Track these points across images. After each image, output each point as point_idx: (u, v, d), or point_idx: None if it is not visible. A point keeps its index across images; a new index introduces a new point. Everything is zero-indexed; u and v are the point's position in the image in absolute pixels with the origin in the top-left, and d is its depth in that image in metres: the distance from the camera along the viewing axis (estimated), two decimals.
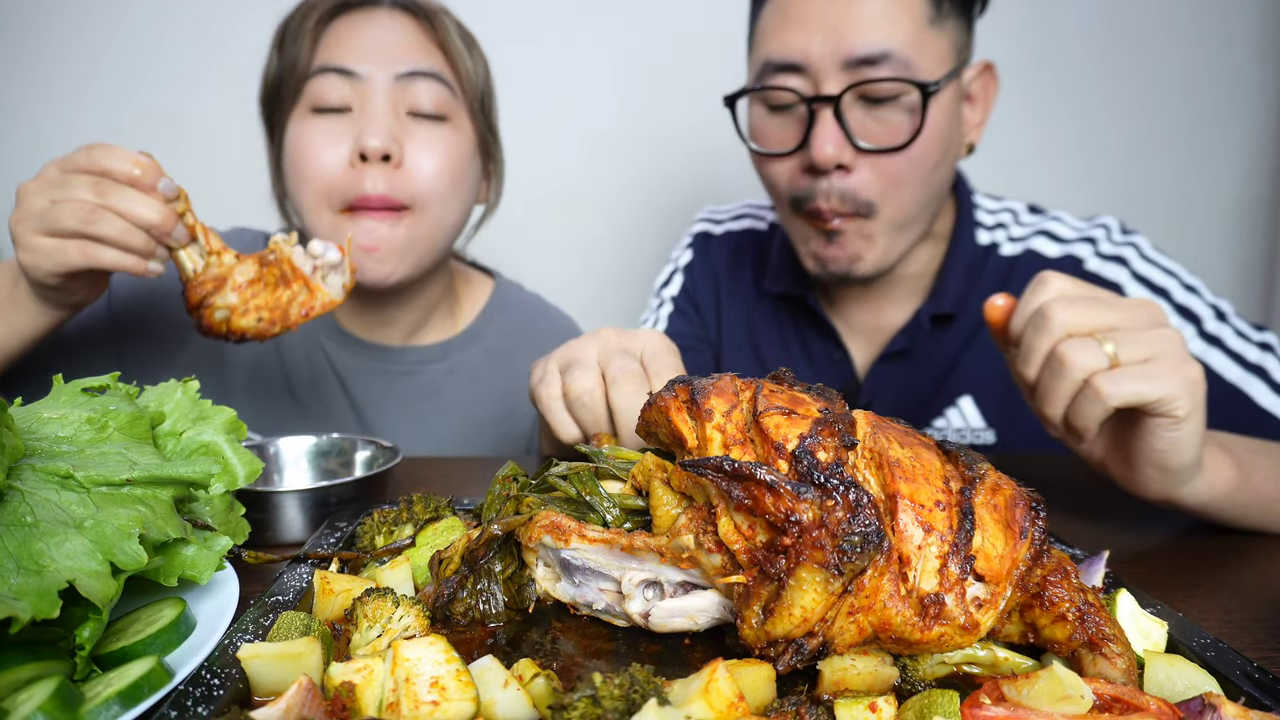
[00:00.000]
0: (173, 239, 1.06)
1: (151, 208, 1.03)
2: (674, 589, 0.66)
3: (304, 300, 1.14)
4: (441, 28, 1.38)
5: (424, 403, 1.56)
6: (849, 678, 0.59)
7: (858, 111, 1.24)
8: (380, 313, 1.52)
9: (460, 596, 0.69)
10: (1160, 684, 0.59)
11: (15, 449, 0.63)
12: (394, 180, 1.31)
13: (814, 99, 1.22)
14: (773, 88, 1.26)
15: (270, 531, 0.94)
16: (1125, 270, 1.36)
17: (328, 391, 1.54)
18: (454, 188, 1.38)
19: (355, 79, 1.31)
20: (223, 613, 0.66)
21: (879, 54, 1.19)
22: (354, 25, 1.35)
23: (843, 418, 0.65)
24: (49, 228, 1.02)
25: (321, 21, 1.35)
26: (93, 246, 1.02)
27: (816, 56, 1.21)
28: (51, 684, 0.52)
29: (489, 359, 1.60)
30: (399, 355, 1.55)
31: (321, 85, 1.32)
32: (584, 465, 0.74)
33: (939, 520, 0.61)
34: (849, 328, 1.52)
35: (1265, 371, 1.24)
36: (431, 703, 0.53)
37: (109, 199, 1.01)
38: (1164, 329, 0.87)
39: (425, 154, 1.34)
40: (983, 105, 1.38)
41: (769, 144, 1.32)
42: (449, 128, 1.37)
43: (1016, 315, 0.94)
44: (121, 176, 1.03)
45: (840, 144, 1.23)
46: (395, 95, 1.33)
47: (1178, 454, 0.90)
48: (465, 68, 1.39)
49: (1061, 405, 0.89)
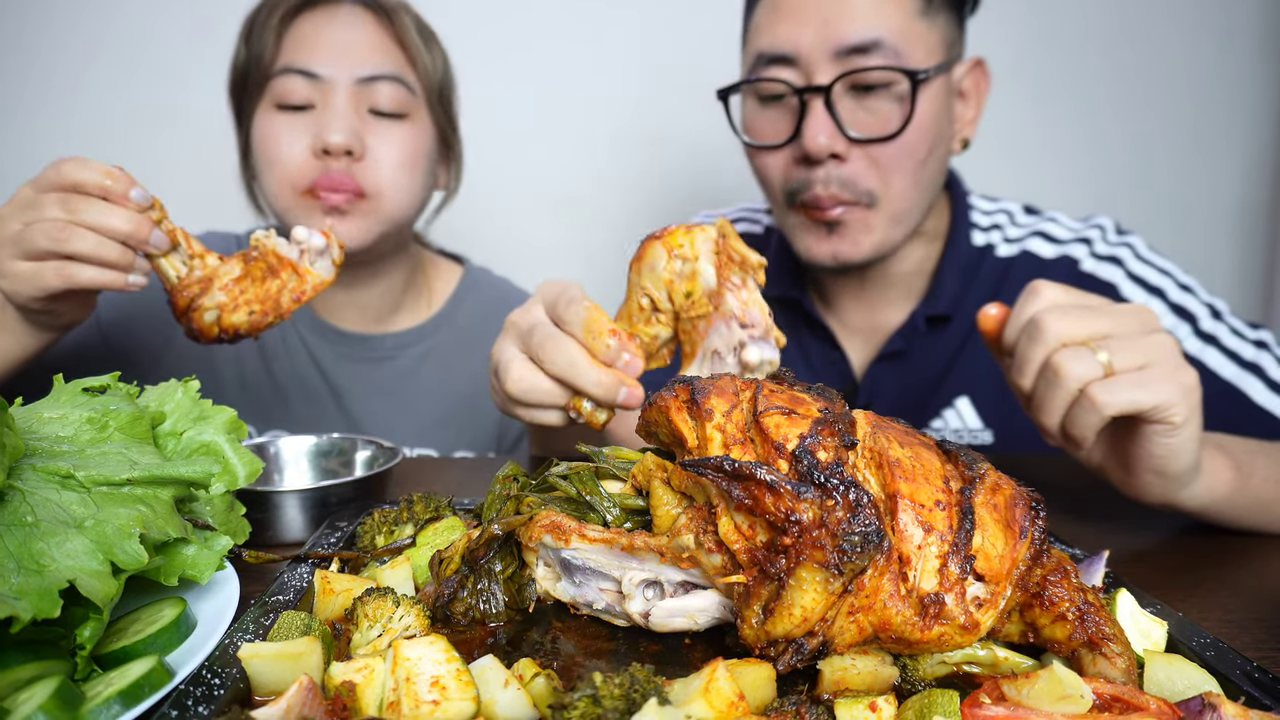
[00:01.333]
0: (152, 246, 1.05)
1: (123, 218, 1.01)
2: (674, 589, 0.66)
3: (294, 286, 1.13)
4: (401, 25, 1.44)
5: (401, 385, 1.61)
6: (849, 677, 0.59)
7: (848, 102, 1.25)
8: (350, 292, 1.58)
9: (460, 596, 0.69)
10: (1160, 683, 0.59)
11: (16, 449, 0.63)
12: (355, 170, 1.40)
13: (805, 89, 1.23)
14: (765, 79, 1.27)
15: (271, 531, 0.94)
16: (1120, 270, 1.37)
17: (309, 381, 1.59)
18: (412, 178, 1.46)
19: (318, 80, 1.39)
20: (223, 612, 0.66)
21: (870, 42, 1.21)
22: (316, 25, 1.41)
23: (843, 417, 0.65)
24: (24, 251, 1.01)
25: (286, 18, 1.41)
26: (69, 266, 1.01)
27: (808, 48, 1.23)
28: (52, 683, 0.52)
29: (461, 341, 1.66)
30: (376, 342, 1.61)
31: (285, 84, 1.39)
32: (584, 465, 0.74)
33: (939, 520, 0.61)
34: (845, 329, 1.52)
35: (1261, 369, 1.24)
36: (432, 702, 0.53)
37: (79, 215, 1.00)
38: (1157, 335, 0.87)
39: (385, 147, 1.42)
40: (975, 101, 1.39)
41: (762, 137, 1.33)
42: (407, 124, 1.44)
43: (1009, 325, 0.94)
44: (93, 189, 1.01)
45: (832, 134, 1.24)
46: (356, 95, 1.40)
47: (1176, 459, 0.90)
48: (424, 64, 1.46)
49: (1058, 415, 0.89)
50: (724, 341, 0.89)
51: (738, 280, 0.90)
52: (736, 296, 0.89)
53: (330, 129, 1.36)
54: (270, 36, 1.39)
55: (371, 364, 1.61)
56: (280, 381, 1.58)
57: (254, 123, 1.44)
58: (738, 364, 0.89)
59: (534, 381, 0.94)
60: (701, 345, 0.91)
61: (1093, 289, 1.33)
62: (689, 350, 0.94)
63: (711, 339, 0.90)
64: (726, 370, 0.89)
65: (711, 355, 0.91)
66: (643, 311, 0.95)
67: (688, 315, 0.92)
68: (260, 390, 1.57)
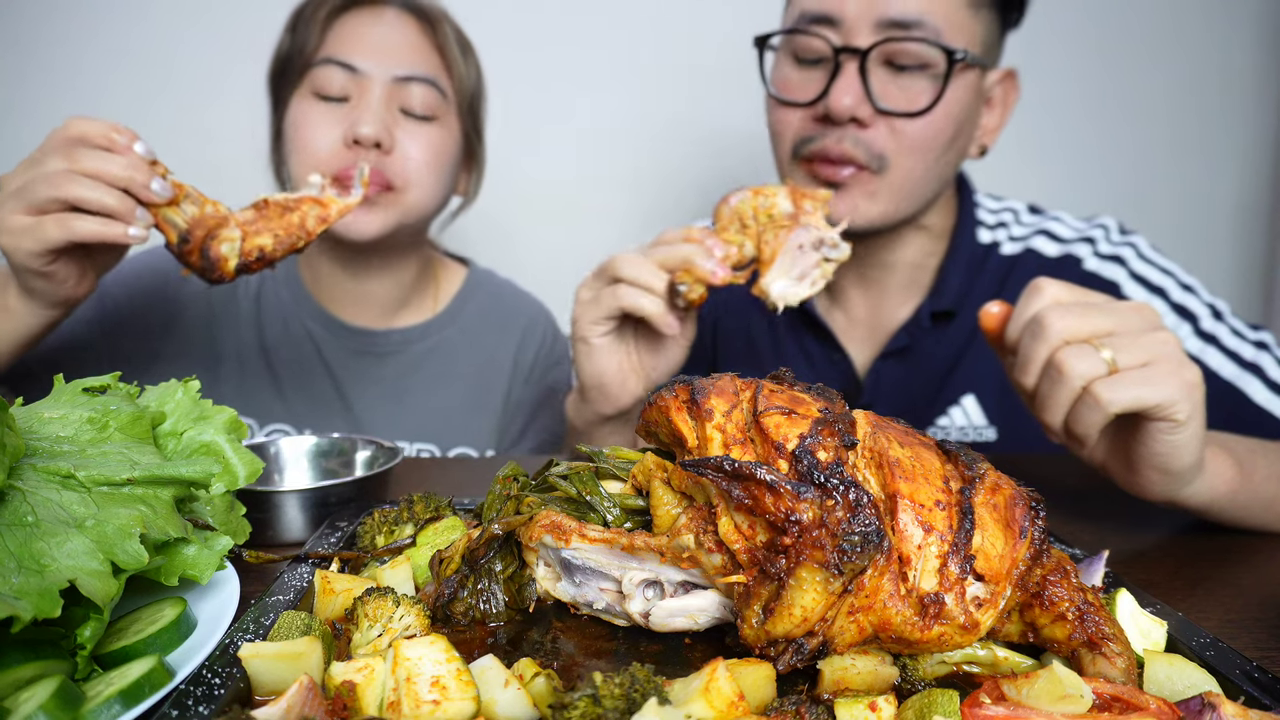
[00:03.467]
0: (155, 194, 1.04)
1: (122, 163, 1.02)
2: (674, 589, 0.66)
3: (318, 212, 1.11)
4: (442, 33, 1.50)
5: (404, 381, 1.64)
6: (849, 677, 0.59)
7: (882, 74, 1.25)
8: (362, 283, 1.60)
9: (461, 596, 0.69)
10: (1160, 683, 0.59)
11: (16, 449, 0.63)
12: (382, 163, 1.44)
13: (842, 49, 1.23)
14: (803, 31, 1.27)
15: (271, 531, 0.94)
16: (1123, 270, 1.37)
17: (311, 373, 1.61)
18: (436, 176, 1.50)
19: (356, 74, 1.43)
20: (223, 612, 0.66)
21: (914, 20, 1.21)
22: (361, 22, 1.46)
23: (843, 417, 0.65)
24: (25, 203, 1.01)
25: (333, 13, 1.46)
26: (70, 219, 1.01)
27: (853, 12, 1.22)
28: (53, 683, 0.52)
29: (465, 339, 1.69)
30: (382, 337, 1.63)
31: (325, 74, 1.43)
32: (584, 465, 0.74)
33: (939, 520, 0.61)
34: (847, 329, 1.52)
35: (1261, 369, 1.24)
36: (432, 702, 0.53)
37: (78, 163, 1.01)
38: (1160, 332, 0.87)
39: (413, 144, 1.46)
40: (1000, 111, 1.39)
41: (789, 93, 1.32)
42: (436, 125, 1.49)
43: (1012, 323, 0.94)
44: (96, 141, 1.02)
45: (859, 98, 1.24)
46: (391, 92, 1.44)
47: (1179, 457, 0.90)
48: (459, 72, 1.51)
49: (1061, 413, 0.89)
50: (807, 238, 1.13)
51: (810, 208, 1.16)
52: (811, 217, 1.14)
53: (362, 121, 1.40)
54: (315, 28, 1.45)
55: (375, 358, 1.63)
56: (282, 373, 1.59)
57: (289, 108, 1.48)
58: (819, 256, 1.14)
59: (644, 264, 1.12)
60: (784, 247, 1.13)
61: (1095, 288, 1.32)
62: (768, 258, 1.13)
63: (795, 237, 1.13)
64: (809, 261, 1.14)
65: (795, 250, 1.13)
66: (726, 231, 1.16)
67: (770, 229, 1.15)
68: (261, 381, 1.59)
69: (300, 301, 1.62)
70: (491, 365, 1.69)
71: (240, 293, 1.60)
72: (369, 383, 1.62)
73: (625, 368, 1.21)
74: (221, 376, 1.57)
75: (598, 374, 1.21)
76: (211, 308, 1.58)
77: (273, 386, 1.59)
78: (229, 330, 1.58)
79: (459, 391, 1.66)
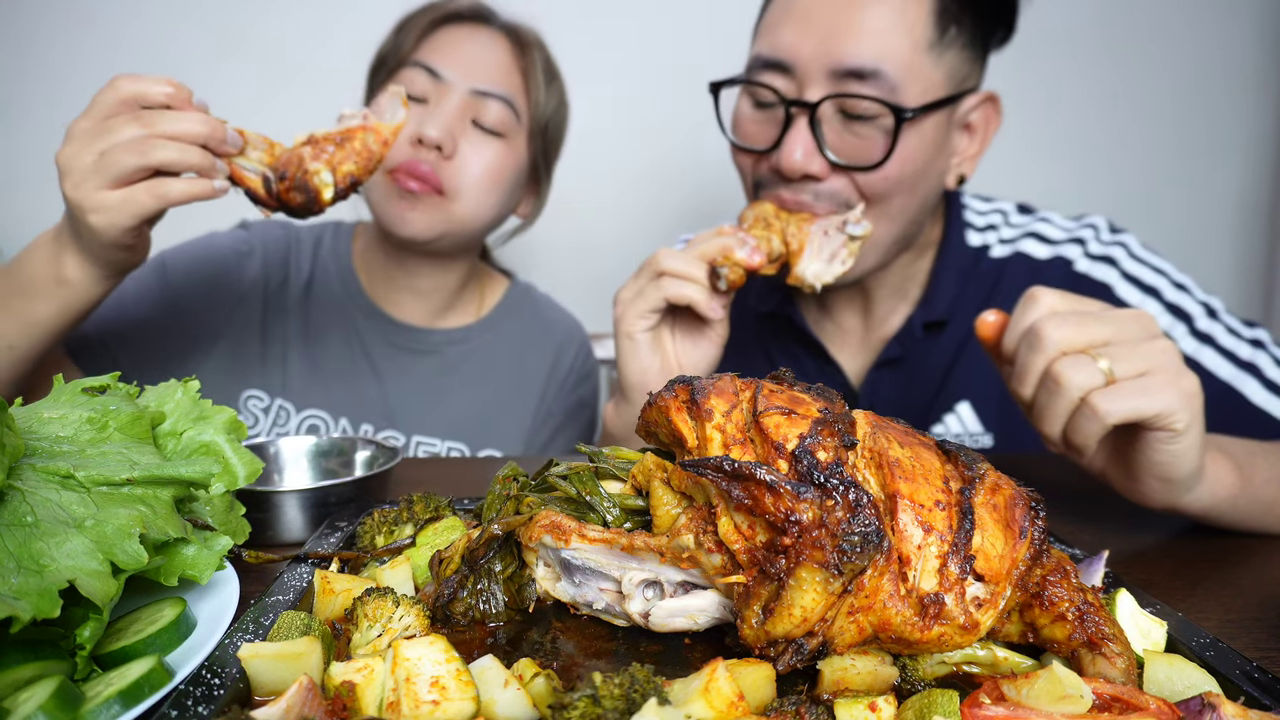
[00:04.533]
0: (229, 145, 1.04)
1: (198, 120, 1.01)
2: (674, 589, 0.66)
3: (373, 137, 1.13)
4: (530, 58, 1.57)
5: (441, 380, 1.69)
6: (849, 677, 0.59)
7: (835, 123, 1.22)
8: (412, 278, 1.66)
9: (460, 596, 0.69)
10: (1160, 683, 0.59)
11: (16, 449, 0.63)
12: (440, 166, 1.49)
13: (792, 103, 1.21)
14: (756, 83, 1.26)
15: (270, 531, 0.94)
16: (1115, 270, 1.35)
17: (353, 364, 1.65)
18: (491, 190, 1.55)
19: (438, 80, 1.50)
20: (223, 612, 0.66)
21: (869, 70, 1.17)
22: (457, 35, 1.55)
23: (843, 417, 0.65)
24: (110, 178, 0.98)
25: (435, 23, 1.55)
26: (161, 184, 1.00)
27: (806, 60, 1.20)
28: (52, 683, 0.52)
29: (503, 346, 1.75)
30: (425, 336, 1.69)
31: (410, 75, 1.51)
32: (584, 465, 0.74)
33: (939, 520, 0.61)
34: (838, 341, 1.51)
35: (1257, 369, 1.23)
36: (432, 702, 0.53)
37: (156, 126, 0.99)
38: (1158, 341, 0.87)
39: (474, 155, 1.52)
40: (981, 137, 1.35)
41: (747, 138, 1.32)
42: (503, 143, 1.54)
43: (1008, 333, 0.94)
44: (158, 100, 1.01)
45: (810, 152, 1.22)
46: (467, 103, 1.51)
47: (1179, 465, 0.89)
48: (537, 97, 1.58)
49: (1059, 423, 0.89)
50: (830, 223, 1.21)
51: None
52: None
53: (430, 122, 1.46)
54: (414, 34, 1.53)
55: (416, 355, 1.68)
56: (325, 362, 1.64)
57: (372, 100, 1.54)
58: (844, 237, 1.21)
59: (684, 256, 1.16)
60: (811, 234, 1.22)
61: (1087, 290, 1.32)
62: (796, 249, 1.22)
63: (819, 225, 1.22)
64: (835, 242, 1.21)
65: (820, 236, 1.22)
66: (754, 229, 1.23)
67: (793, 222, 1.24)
68: (303, 367, 1.63)
69: (352, 294, 1.66)
70: (526, 373, 1.74)
71: (292, 281, 1.65)
72: (407, 378, 1.67)
73: (667, 366, 1.23)
74: (268, 360, 1.61)
75: (641, 370, 1.22)
76: (266, 292, 1.62)
77: (313, 374, 1.63)
78: (277, 316, 1.63)
79: (493, 395, 1.71)
